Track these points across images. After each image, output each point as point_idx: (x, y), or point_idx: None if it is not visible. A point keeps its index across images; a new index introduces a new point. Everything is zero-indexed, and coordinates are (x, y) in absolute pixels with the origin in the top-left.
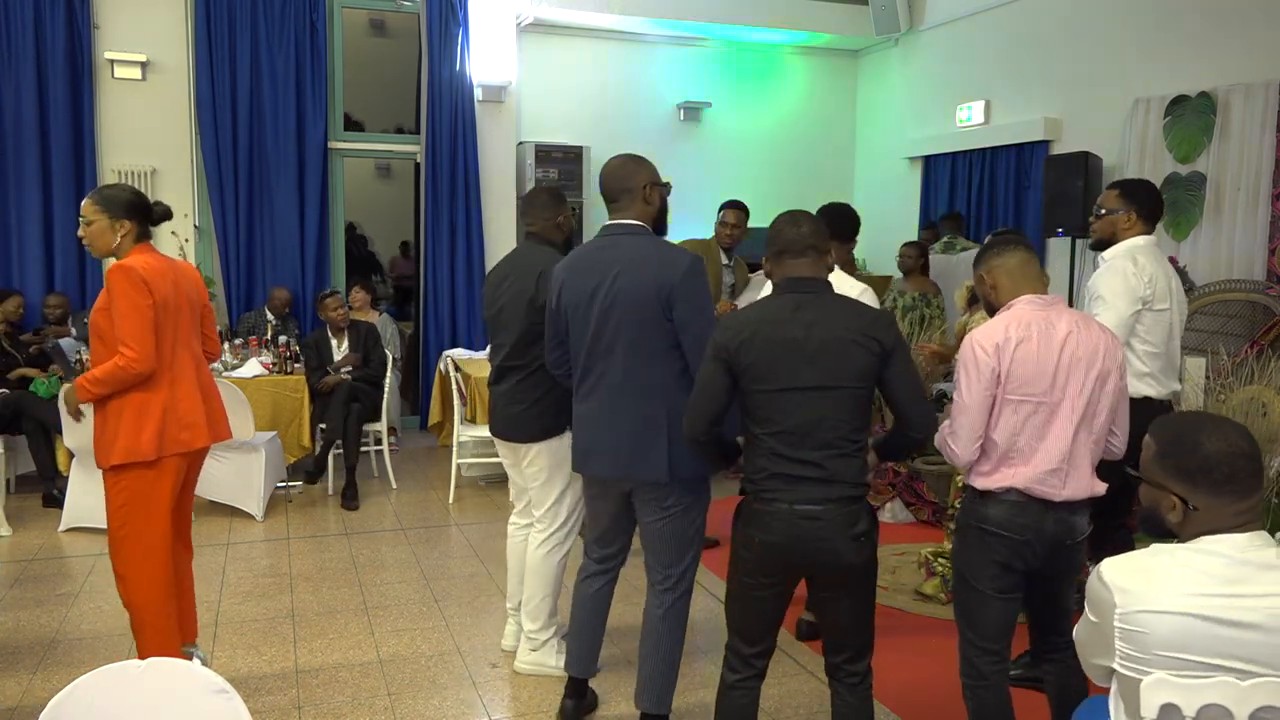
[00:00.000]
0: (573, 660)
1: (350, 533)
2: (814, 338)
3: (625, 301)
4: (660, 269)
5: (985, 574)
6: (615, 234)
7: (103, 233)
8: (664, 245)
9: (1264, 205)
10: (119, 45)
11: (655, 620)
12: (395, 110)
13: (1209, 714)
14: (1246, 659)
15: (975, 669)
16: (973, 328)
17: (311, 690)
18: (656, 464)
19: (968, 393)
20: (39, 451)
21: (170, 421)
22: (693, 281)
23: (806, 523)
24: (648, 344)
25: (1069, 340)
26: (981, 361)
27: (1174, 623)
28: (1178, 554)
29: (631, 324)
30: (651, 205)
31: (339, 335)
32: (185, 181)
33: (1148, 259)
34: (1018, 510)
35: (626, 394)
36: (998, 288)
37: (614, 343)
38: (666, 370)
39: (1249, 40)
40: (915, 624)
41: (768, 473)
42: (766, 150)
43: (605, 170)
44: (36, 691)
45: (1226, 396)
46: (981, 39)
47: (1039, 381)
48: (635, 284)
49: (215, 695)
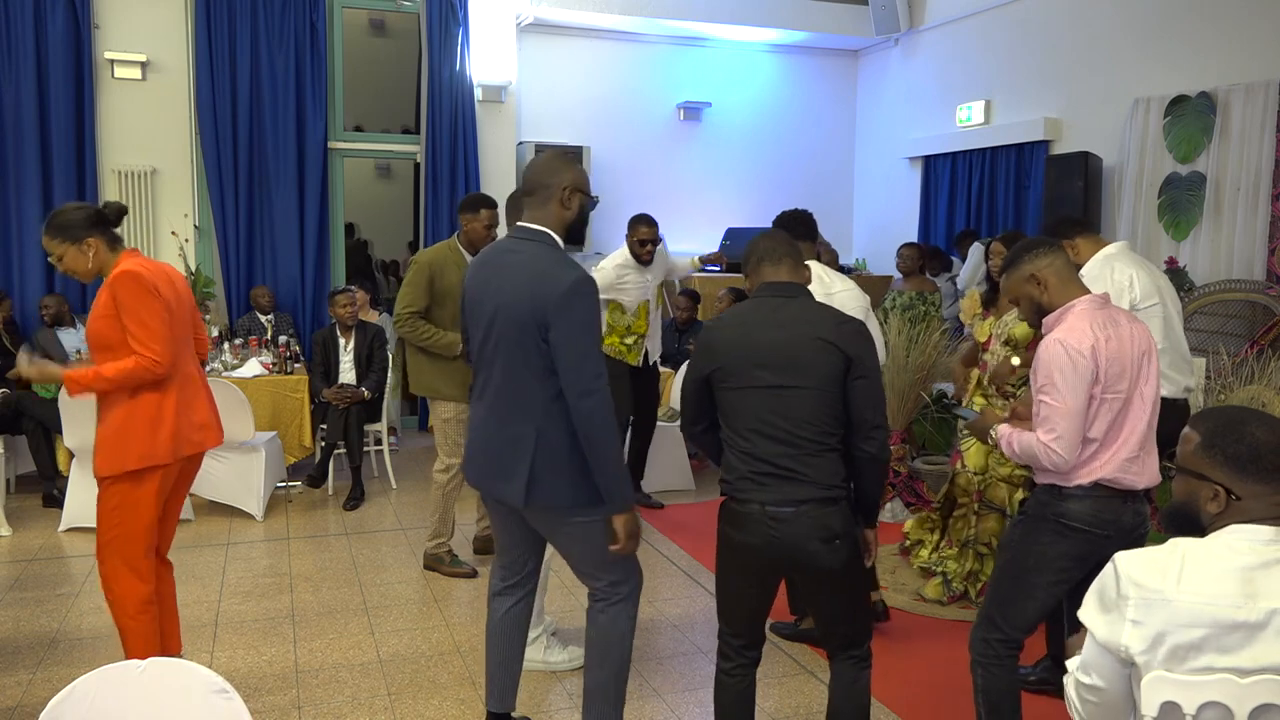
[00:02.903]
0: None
1: (350, 533)
2: (784, 339)
3: (505, 315)
4: (541, 285)
5: (1054, 567)
6: (520, 238)
7: (76, 259)
8: (555, 260)
9: (1264, 205)
10: (119, 45)
11: (595, 630)
12: (395, 110)
13: (1209, 712)
14: (1253, 654)
15: (990, 649)
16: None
17: (311, 690)
18: (515, 487)
19: (1071, 396)
20: (39, 451)
21: (184, 423)
22: (572, 301)
23: (778, 525)
24: (523, 363)
25: (1134, 335)
26: (1080, 365)
27: (1192, 614)
28: (1203, 544)
29: (509, 339)
30: (568, 210)
31: (347, 334)
32: (185, 181)
33: (1123, 261)
34: (1101, 504)
35: (500, 408)
36: (1049, 288)
37: (495, 355)
38: (542, 391)
39: (1249, 40)
40: (915, 624)
41: (740, 474)
42: (766, 150)
43: (531, 163)
44: (36, 691)
45: (1226, 396)
46: (981, 39)
47: (1125, 376)
48: (516, 298)
49: (215, 695)
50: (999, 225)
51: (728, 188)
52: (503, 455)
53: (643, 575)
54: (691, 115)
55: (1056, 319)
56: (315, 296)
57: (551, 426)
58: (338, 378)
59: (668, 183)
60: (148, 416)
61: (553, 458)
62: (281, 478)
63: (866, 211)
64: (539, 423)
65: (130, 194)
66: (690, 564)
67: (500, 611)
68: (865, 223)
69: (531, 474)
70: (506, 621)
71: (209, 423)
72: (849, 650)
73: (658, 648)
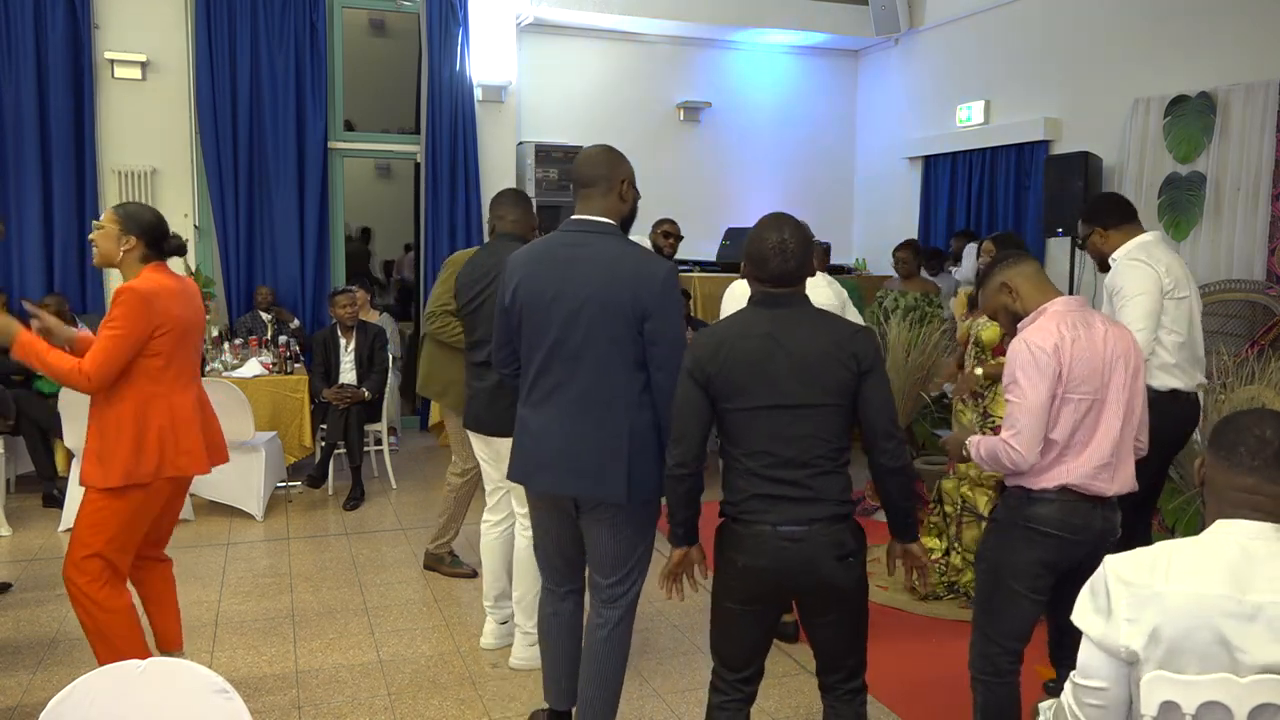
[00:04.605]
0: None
1: (350, 533)
2: (790, 353)
3: (596, 308)
4: (638, 277)
5: (1027, 574)
6: (584, 230)
7: (108, 240)
8: (639, 250)
9: (1264, 205)
10: (119, 45)
11: (598, 641)
12: (395, 110)
13: (1208, 711)
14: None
15: (991, 664)
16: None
17: (311, 690)
18: (616, 484)
19: (1032, 393)
20: (37, 452)
21: (168, 445)
22: (670, 294)
23: (790, 545)
24: (617, 356)
25: (1108, 337)
26: (1043, 363)
27: (1183, 608)
28: (1190, 541)
29: (603, 334)
30: (626, 203)
31: (348, 335)
32: (185, 181)
33: (1159, 250)
34: (1069, 509)
35: (590, 407)
36: (1021, 295)
37: (581, 351)
38: (631, 386)
39: (1249, 40)
40: (915, 624)
41: (747, 494)
42: (766, 150)
43: (583, 155)
44: (36, 691)
45: (1226, 396)
46: (981, 39)
47: (1093, 379)
48: (609, 291)
49: (215, 695)
50: (999, 225)
51: (727, 188)
52: (595, 455)
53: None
54: (691, 115)
55: (1029, 322)
56: (315, 296)
57: (640, 420)
58: (338, 378)
59: (668, 183)
60: (133, 433)
61: (645, 450)
62: (281, 478)
63: (866, 211)
64: (631, 418)
65: (130, 194)
66: None
67: (565, 615)
68: (865, 223)
69: (629, 469)
70: (571, 624)
71: (195, 449)
72: (850, 682)
73: (658, 648)
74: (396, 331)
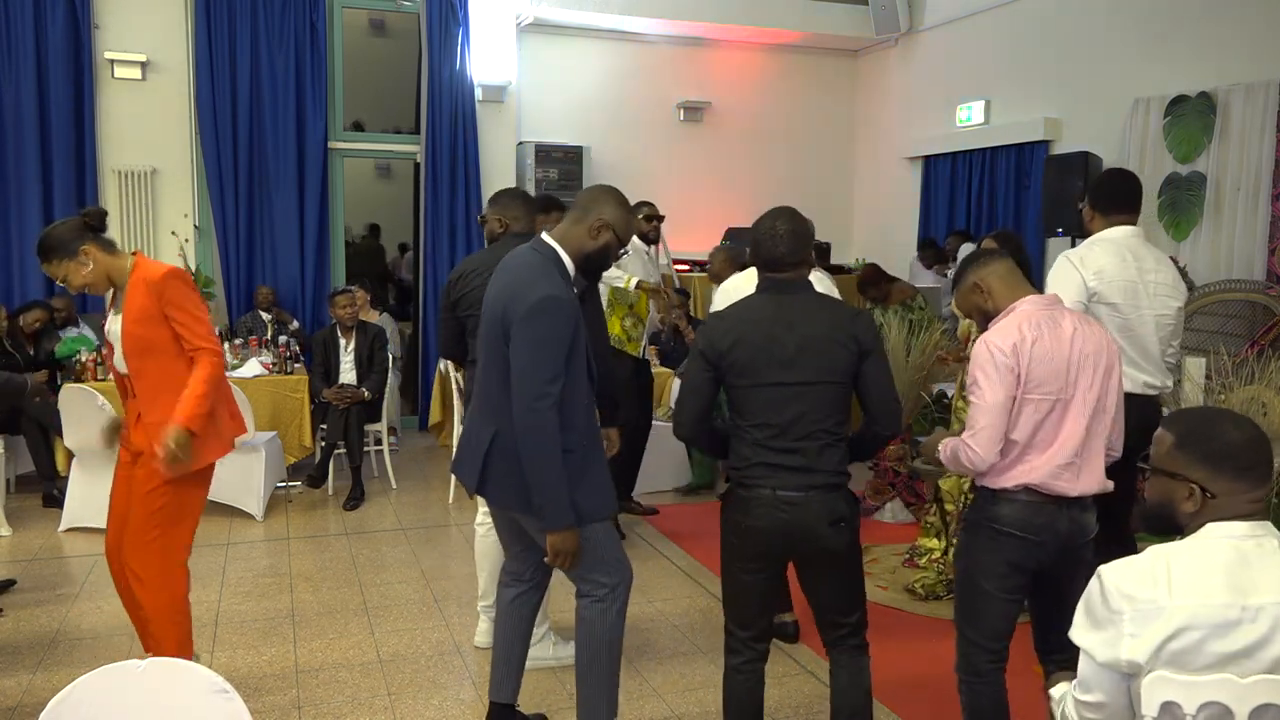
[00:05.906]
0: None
1: (350, 533)
2: (796, 336)
3: (486, 315)
4: (514, 294)
5: (995, 574)
6: (532, 246)
7: (77, 272)
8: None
9: (1264, 205)
10: (119, 45)
11: (583, 632)
12: (395, 110)
13: (1209, 712)
14: (1247, 651)
15: (973, 666)
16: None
17: (311, 690)
18: (470, 478)
19: (990, 394)
20: (37, 452)
21: (225, 413)
22: (535, 317)
23: (788, 508)
24: (494, 363)
25: (1076, 337)
26: (1001, 363)
27: (1189, 621)
28: (1183, 547)
29: (487, 339)
30: (593, 241)
31: (347, 335)
32: (185, 181)
33: (1104, 251)
34: (1032, 510)
35: (476, 403)
36: (992, 293)
37: (480, 354)
38: (503, 394)
39: (1249, 40)
40: (914, 624)
41: (751, 461)
42: (766, 150)
43: (590, 186)
44: (36, 691)
45: (1226, 396)
46: (981, 39)
47: (1055, 379)
48: (494, 302)
49: (215, 695)
50: (998, 225)
51: (727, 188)
52: (470, 447)
53: (632, 574)
54: (691, 115)
55: (997, 321)
56: (315, 296)
57: (509, 431)
58: (338, 378)
59: (667, 183)
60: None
61: (505, 459)
62: (281, 478)
63: (866, 211)
64: (499, 424)
65: (130, 194)
66: (690, 564)
67: (504, 601)
68: (865, 222)
69: (484, 470)
70: (510, 611)
71: (238, 411)
72: (851, 638)
73: (658, 648)
74: (396, 331)
